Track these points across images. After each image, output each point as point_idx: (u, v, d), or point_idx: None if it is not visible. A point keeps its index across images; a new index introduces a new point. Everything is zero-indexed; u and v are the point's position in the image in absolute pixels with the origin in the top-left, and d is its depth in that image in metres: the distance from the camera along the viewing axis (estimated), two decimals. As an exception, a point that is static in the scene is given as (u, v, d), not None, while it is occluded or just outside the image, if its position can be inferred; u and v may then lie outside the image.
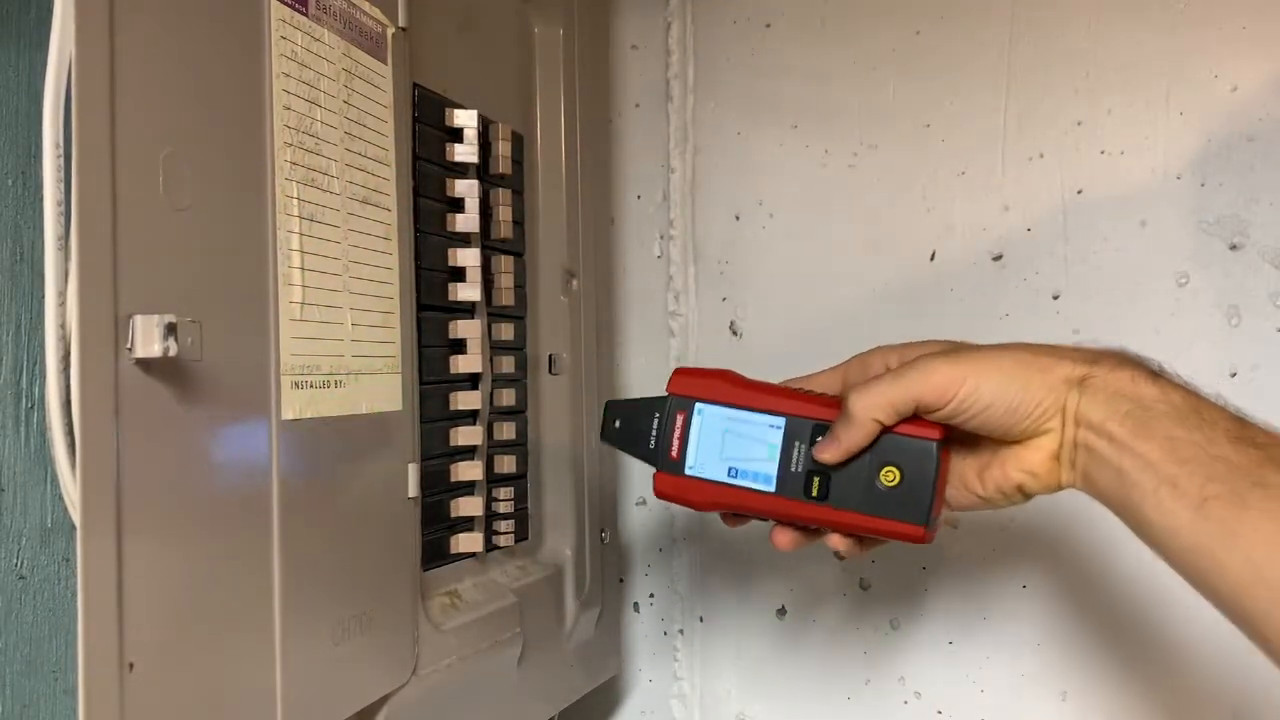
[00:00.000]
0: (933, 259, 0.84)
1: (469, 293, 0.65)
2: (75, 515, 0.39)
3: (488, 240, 0.69)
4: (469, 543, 0.66)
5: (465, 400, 0.66)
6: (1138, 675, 0.78)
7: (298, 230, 0.50)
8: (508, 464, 0.70)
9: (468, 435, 0.66)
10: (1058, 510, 0.57)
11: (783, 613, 0.90)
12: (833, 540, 0.60)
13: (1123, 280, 0.79)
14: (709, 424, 0.60)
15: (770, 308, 0.90)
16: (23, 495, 0.69)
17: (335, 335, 0.53)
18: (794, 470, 0.58)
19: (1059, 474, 0.55)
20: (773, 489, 0.59)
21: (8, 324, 0.69)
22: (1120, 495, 0.51)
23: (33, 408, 0.69)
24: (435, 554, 0.64)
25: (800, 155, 0.89)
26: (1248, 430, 0.50)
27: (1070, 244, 0.80)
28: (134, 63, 0.41)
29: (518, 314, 0.73)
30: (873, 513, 0.57)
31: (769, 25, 0.90)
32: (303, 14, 0.51)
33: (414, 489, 0.59)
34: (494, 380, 0.69)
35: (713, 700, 0.93)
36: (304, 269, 0.50)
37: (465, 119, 0.65)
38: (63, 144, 0.40)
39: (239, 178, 0.47)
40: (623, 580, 0.94)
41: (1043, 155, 0.81)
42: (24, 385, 0.69)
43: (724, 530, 0.78)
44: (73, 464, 0.39)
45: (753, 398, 0.60)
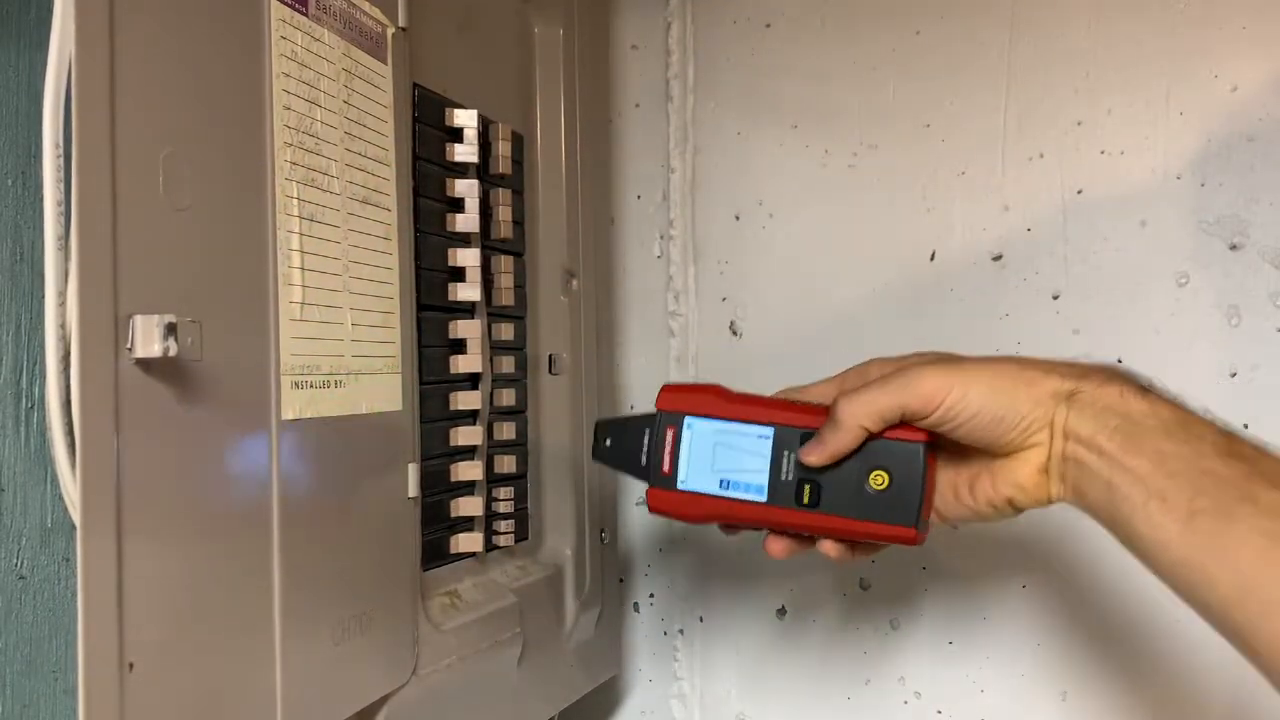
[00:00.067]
0: (933, 259, 0.84)
1: (469, 293, 0.65)
2: (75, 515, 0.39)
3: (488, 240, 0.69)
4: (469, 543, 0.66)
5: (465, 400, 0.66)
6: (1137, 675, 0.78)
7: (298, 230, 0.50)
8: (508, 464, 0.70)
9: (468, 435, 0.66)
10: (1057, 511, 0.57)
11: (782, 613, 0.90)
12: (825, 547, 0.60)
13: (1123, 280, 0.79)
14: (699, 438, 0.61)
15: (770, 308, 0.90)
16: (23, 495, 0.69)
17: (335, 335, 0.53)
18: (784, 479, 0.59)
19: (1048, 488, 0.55)
20: (764, 499, 0.59)
21: (8, 324, 0.69)
22: (1110, 509, 0.52)
23: (33, 408, 0.69)
24: (435, 554, 0.64)
25: (800, 155, 0.89)
26: (1235, 444, 0.50)
27: (1070, 244, 0.80)
28: (134, 63, 0.41)
29: (518, 314, 0.73)
30: (863, 517, 0.58)
31: (769, 25, 0.90)
32: (303, 14, 0.51)
33: (414, 489, 0.59)
34: (494, 380, 0.69)
35: (713, 700, 0.93)
36: (304, 269, 0.50)
37: (465, 119, 0.65)
38: (63, 144, 0.40)
39: (239, 178, 0.47)
40: (623, 580, 0.94)
41: (1043, 155, 0.81)
42: (24, 385, 0.69)
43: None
44: (73, 464, 0.39)
45: (741, 410, 0.61)
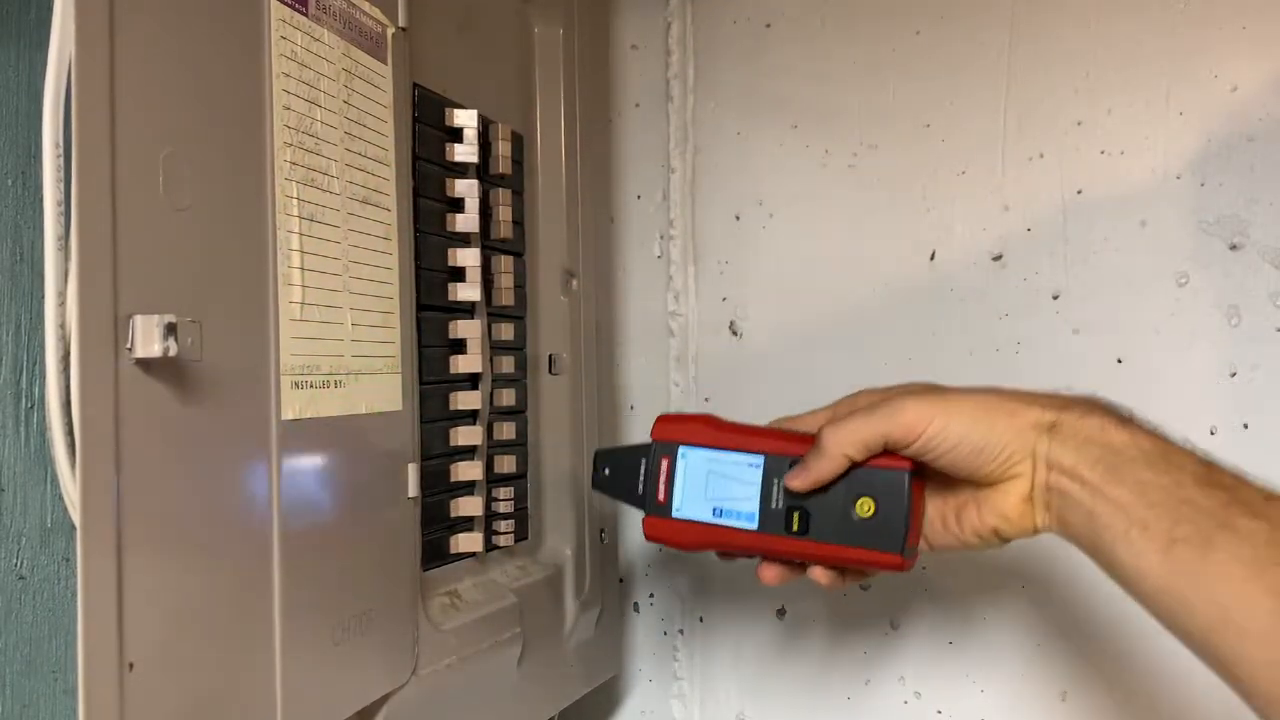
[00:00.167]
0: (933, 259, 0.84)
1: (469, 293, 0.65)
2: (75, 515, 0.39)
3: (488, 240, 0.69)
4: (469, 543, 0.66)
5: (465, 400, 0.66)
6: (1137, 675, 0.78)
7: (298, 230, 0.50)
8: (508, 464, 0.70)
9: (468, 435, 0.66)
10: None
11: (782, 613, 0.90)
12: (815, 573, 0.61)
13: (1123, 280, 0.79)
14: (693, 467, 0.62)
15: (770, 308, 0.90)
16: (23, 495, 0.69)
17: (335, 335, 0.53)
18: (774, 507, 0.60)
19: (1033, 517, 0.56)
20: (756, 526, 0.61)
21: (8, 324, 0.69)
22: (1093, 538, 0.53)
23: (33, 408, 0.69)
24: (435, 554, 0.64)
25: (800, 155, 0.89)
26: (1215, 473, 0.51)
27: (1070, 244, 0.80)
28: (134, 63, 0.41)
29: (518, 314, 0.73)
30: (851, 544, 0.59)
31: (769, 25, 0.90)
32: (303, 14, 0.51)
33: (414, 489, 0.59)
34: (494, 380, 0.69)
35: (713, 700, 0.93)
36: (304, 269, 0.50)
37: (465, 119, 0.66)
38: (63, 144, 0.40)
39: (239, 178, 0.47)
40: (623, 580, 0.94)
41: (1043, 155, 0.81)
42: (24, 385, 0.69)
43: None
44: (73, 464, 0.39)
45: (732, 439, 0.62)
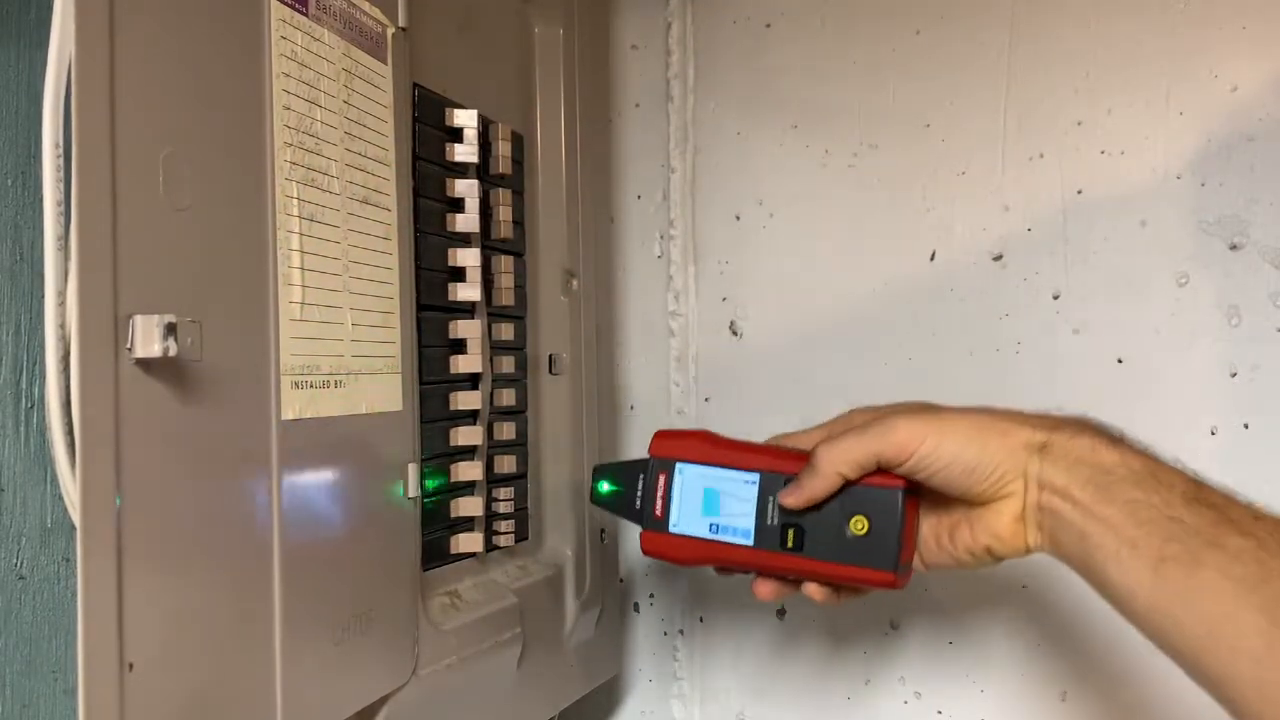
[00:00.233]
0: (933, 259, 0.84)
1: (469, 293, 0.65)
2: (75, 515, 0.39)
3: (488, 240, 0.69)
4: (469, 543, 0.66)
5: (465, 400, 0.66)
6: (1137, 675, 0.78)
7: (298, 230, 0.50)
8: (508, 464, 0.70)
9: (468, 435, 0.66)
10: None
11: (782, 613, 0.90)
12: (809, 590, 0.62)
13: (1123, 280, 0.79)
14: (689, 483, 0.63)
15: (770, 308, 0.90)
16: (23, 495, 0.69)
17: (335, 335, 0.53)
18: (770, 524, 0.61)
19: (1025, 537, 0.57)
20: (751, 542, 0.62)
21: (8, 324, 0.69)
22: (1084, 557, 0.53)
23: (33, 408, 0.69)
24: (435, 554, 0.64)
25: (800, 155, 0.89)
26: (1204, 492, 0.52)
27: (1070, 244, 0.80)
28: (134, 63, 0.41)
29: (518, 314, 0.73)
30: (844, 561, 0.60)
31: (769, 25, 0.90)
32: (303, 14, 0.51)
33: (414, 489, 0.59)
34: (494, 380, 0.69)
35: (713, 700, 0.93)
36: (304, 269, 0.50)
37: (465, 119, 0.65)
38: (63, 144, 0.39)
39: (239, 178, 0.47)
40: (623, 580, 0.94)
41: (1043, 155, 0.81)
42: (24, 385, 0.69)
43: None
44: (73, 464, 0.39)
45: (728, 456, 0.63)
